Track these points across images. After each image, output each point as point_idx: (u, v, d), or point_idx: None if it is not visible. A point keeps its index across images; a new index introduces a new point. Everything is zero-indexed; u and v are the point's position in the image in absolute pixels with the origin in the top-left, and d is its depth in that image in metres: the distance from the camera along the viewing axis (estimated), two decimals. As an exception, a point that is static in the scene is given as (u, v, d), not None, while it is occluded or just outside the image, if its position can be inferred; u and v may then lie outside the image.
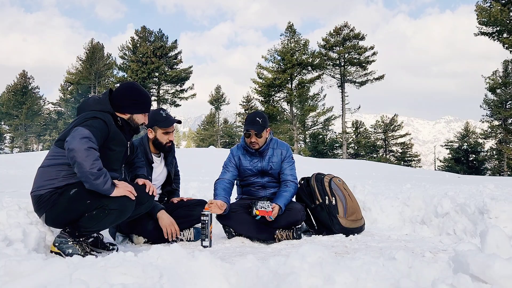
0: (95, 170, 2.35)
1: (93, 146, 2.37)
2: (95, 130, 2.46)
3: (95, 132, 2.45)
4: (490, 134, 44.08)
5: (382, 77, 41.79)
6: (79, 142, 2.34)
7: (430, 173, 23.50)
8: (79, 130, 2.40)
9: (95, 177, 2.36)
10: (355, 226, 3.47)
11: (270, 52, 43.69)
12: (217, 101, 55.33)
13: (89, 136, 2.38)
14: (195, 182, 7.54)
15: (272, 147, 3.57)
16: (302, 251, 1.64)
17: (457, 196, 3.91)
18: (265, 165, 3.54)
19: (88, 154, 2.33)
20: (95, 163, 2.35)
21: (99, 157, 2.40)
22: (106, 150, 2.58)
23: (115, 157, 2.71)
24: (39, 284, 1.33)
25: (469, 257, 1.47)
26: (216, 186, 3.45)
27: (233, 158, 3.59)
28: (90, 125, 2.47)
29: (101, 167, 2.38)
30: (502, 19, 30.73)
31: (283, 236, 3.29)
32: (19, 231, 2.46)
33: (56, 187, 2.51)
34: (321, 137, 48.78)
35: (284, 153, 3.57)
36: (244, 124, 3.51)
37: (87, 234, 2.61)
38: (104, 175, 2.40)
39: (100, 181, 2.38)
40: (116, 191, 2.49)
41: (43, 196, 2.51)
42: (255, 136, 3.43)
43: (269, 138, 3.57)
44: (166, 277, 1.52)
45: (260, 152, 3.51)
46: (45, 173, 2.55)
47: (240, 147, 3.61)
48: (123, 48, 46.25)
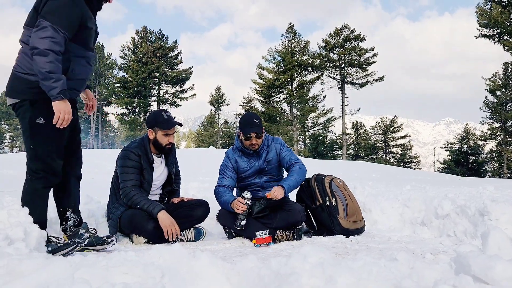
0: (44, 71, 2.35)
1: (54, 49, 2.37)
2: (64, 16, 2.42)
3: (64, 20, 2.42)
4: (490, 136, 44.07)
5: (382, 79, 41.79)
6: (41, 42, 2.34)
7: (430, 174, 23.49)
8: (43, 29, 2.37)
9: (43, 76, 2.36)
10: (356, 227, 3.47)
11: (270, 53, 43.72)
12: (217, 102, 55.31)
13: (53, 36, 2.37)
14: (195, 183, 7.54)
15: (266, 144, 3.58)
16: (304, 251, 1.64)
17: (457, 198, 3.91)
18: (261, 163, 3.54)
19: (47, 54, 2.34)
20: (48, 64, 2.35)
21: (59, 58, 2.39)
22: (85, 30, 2.57)
23: (91, 35, 2.68)
24: (41, 283, 1.33)
25: (470, 258, 1.47)
26: (220, 192, 3.42)
27: (230, 161, 3.57)
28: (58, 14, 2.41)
29: (53, 70, 2.37)
30: (503, 21, 30.74)
31: (284, 237, 3.29)
32: (20, 230, 2.46)
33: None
34: (321, 138, 48.74)
35: (278, 147, 3.59)
36: (241, 127, 3.46)
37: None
38: (55, 80, 2.38)
39: (48, 83, 2.37)
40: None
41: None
42: (255, 138, 3.43)
43: (265, 136, 3.57)
44: (167, 277, 1.52)
45: (257, 151, 3.52)
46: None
47: (236, 149, 3.59)
48: (124, 48, 46.26)
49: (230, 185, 3.51)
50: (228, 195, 3.40)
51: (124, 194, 3.27)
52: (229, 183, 3.51)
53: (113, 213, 3.35)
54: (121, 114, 46.02)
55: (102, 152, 18.44)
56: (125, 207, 3.31)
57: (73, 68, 2.57)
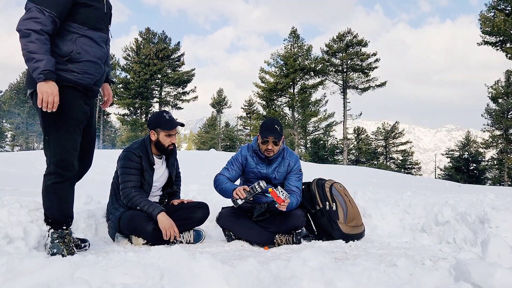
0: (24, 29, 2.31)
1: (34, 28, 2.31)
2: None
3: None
4: (491, 144, 43.99)
5: (384, 84, 41.82)
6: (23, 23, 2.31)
7: (431, 181, 23.45)
8: (27, 11, 2.34)
9: (26, 57, 2.31)
10: (355, 232, 3.46)
11: (273, 57, 43.78)
12: (218, 104, 55.39)
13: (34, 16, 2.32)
14: (196, 185, 7.54)
15: (282, 156, 3.51)
16: (304, 255, 1.64)
17: (457, 205, 3.91)
18: (269, 172, 3.49)
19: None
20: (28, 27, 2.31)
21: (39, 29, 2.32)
22: (83, 8, 2.50)
23: (97, 14, 2.58)
24: (41, 282, 1.34)
25: (470, 265, 1.47)
26: (220, 179, 3.41)
27: (241, 156, 3.53)
28: None
29: (34, 50, 2.30)
30: (506, 29, 30.78)
31: (283, 241, 3.28)
32: (20, 229, 2.47)
33: None
34: (322, 142, 48.75)
35: (291, 164, 3.51)
36: (261, 130, 3.40)
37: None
38: (36, 60, 2.29)
39: (30, 64, 2.31)
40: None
41: None
42: (272, 143, 3.36)
43: (282, 147, 3.51)
44: (167, 278, 1.52)
45: (269, 159, 3.47)
46: None
47: (250, 148, 3.55)
48: (127, 49, 46.37)
49: (230, 178, 3.47)
50: (230, 184, 3.36)
51: (124, 195, 3.27)
52: (230, 175, 3.48)
53: (112, 213, 3.35)
54: (122, 114, 46.09)
55: (103, 153, 18.46)
56: (125, 208, 3.30)
57: (78, 49, 2.48)
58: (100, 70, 2.64)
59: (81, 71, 2.50)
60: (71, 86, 2.49)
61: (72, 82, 2.49)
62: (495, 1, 32.16)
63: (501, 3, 32.10)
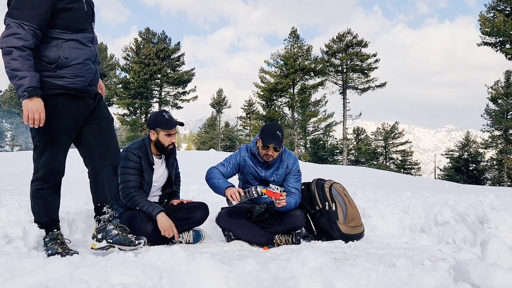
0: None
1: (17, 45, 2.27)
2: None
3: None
4: (491, 144, 44.01)
5: (384, 85, 41.85)
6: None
7: (430, 181, 23.45)
8: (6, 28, 2.30)
9: (9, 75, 2.29)
10: (355, 232, 3.46)
11: (273, 57, 43.81)
12: (218, 104, 55.38)
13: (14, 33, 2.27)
14: (195, 185, 7.53)
15: (280, 159, 3.50)
16: (303, 255, 1.64)
17: (457, 205, 3.92)
18: (268, 175, 3.49)
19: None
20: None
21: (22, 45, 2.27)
22: (63, 12, 2.44)
23: (78, 16, 2.52)
24: (41, 282, 1.33)
25: (470, 266, 1.47)
26: (213, 172, 3.41)
27: (239, 157, 3.53)
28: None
29: (17, 68, 2.26)
30: (505, 29, 30.80)
31: (282, 241, 3.28)
32: (19, 229, 2.47)
33: None
34: (322, 143, 48.74)
35: (290, 166, 3.51)
36: (262, 135, 3.37)
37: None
38: (19, 78, 2.27)
39: (14, 81, 2.29)
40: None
41: None
42: (273, 150, 3.36)
43: (282, 150, 3.50)
44: (166, 278, 1.52)
45: (268, 163, 3.47)
46: None
47: (249, 150, 3.53)
48: (127, 49, 46.36)
49: (224, 174, 3.45)
50: (223, 180, 3.35)
51: (124, 195, 3.27)
52: (225, 171, 3.47)
53: (112, 213, 3.35)
54: (122, 114, 46.09)
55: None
56: (125, 208, 3.31)
57: (65, 54, 2.44)
58: (92, 70, 2.61)
59: (71, 75, 2.47)
60: (62, 93, 2.46)
61: (64, 88, 2.46)
62: (495, 1, 32.19)
63: (501, 4, 32.13)
